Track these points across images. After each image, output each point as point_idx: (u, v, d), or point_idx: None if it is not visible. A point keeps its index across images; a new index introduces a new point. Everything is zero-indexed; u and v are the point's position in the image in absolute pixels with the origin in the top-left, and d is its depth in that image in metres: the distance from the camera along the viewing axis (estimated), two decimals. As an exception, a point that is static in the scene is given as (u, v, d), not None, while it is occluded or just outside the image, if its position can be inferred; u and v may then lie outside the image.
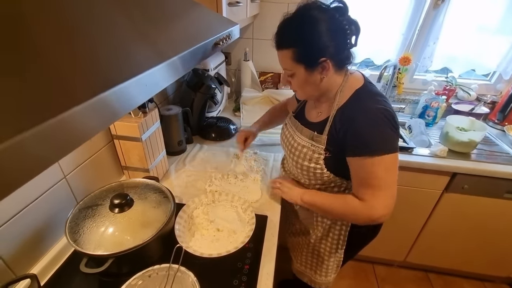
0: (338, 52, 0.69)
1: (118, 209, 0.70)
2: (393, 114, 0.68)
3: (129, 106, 0.30)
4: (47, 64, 0.25)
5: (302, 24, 0.67)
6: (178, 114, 1.11)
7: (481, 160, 1.26)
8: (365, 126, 0.67)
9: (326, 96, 0.78)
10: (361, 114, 0.68)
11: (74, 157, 0.79)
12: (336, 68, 0.72)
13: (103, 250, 0.63)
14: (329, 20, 0.66)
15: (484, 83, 1.66)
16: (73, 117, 0.23)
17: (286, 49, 0.70)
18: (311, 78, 0.72)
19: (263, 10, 1.55)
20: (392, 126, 0.67)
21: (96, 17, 0.35)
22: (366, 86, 0.74)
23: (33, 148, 0.20)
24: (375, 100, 0.70)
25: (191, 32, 0.49)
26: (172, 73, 0.39)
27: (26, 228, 0.67)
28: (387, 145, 0.66)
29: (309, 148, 0.79)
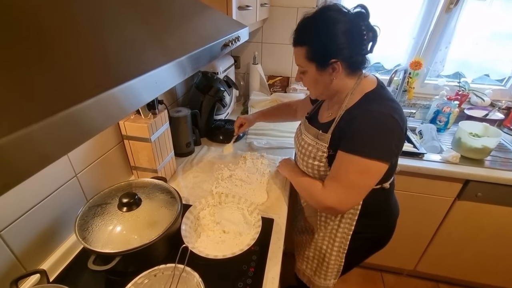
0: (351, 56, 0.70)
1: (126, 208, 0.71)
2: (398, 122, 0.66)
3: (137, 103, 0.31)
4: (58, 59, 0.26)
5: (318, 24, 0.70)
6: (187, 116, 1.13)
7: (496, 167, 1.22)
8: (361, 126, 0.68)
9: (338, 97, 0.78)
10: (362, 114, 0.69)
11: (85, 156, 0.81)
12: (348, 71, 0.73)
13: (110, 248, 0.64)
14: (346, 23, 0.67)
15: (498, 88, 1.62)
16: (83, 111, 0.23)
17: (300, 46, 0.73)
18: (322, 77, 0.74)
19: (272, 14, 1.56)
20: (390, 134, 0.66)
21: (109, 17, 0.36)
22: (378, 90, 0.74)
23: (42, 140, 0.20)
24: (383, 104, 0.70)
25: (200, 33, 0.49)
26: (181, 72, 0.39)
27: (38, 224, 0.69)
28: (374, 151, 0.66)
29: (314, 146, 0.80)
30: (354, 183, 0.69)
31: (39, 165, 0.21)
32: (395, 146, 0.67)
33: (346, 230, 0.85)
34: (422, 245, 1.49)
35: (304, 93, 1.63)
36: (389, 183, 0.83)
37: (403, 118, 0.69)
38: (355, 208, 0.81)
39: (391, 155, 0.68)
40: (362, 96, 0.73)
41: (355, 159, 0.67)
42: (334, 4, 0.70)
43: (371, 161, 0.66)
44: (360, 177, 0.69)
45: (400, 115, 0.68)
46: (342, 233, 0.86)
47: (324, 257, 0.93)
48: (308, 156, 0.82)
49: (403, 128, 0.68)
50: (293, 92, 1.66)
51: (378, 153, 0.66)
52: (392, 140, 0.67)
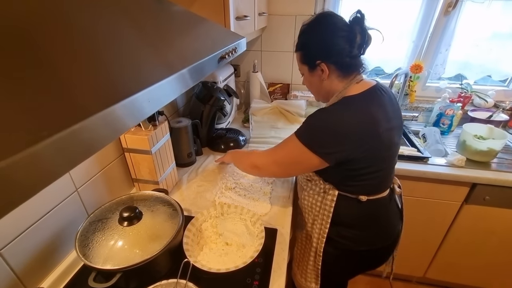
0: (337, 58, 0.73)
1: (127, 223, 0.70)
2: (341, 120, 0.70)
3: (139, 117, 0.31)
4: (58, 75, 0.26)
5: (310, 30, 0.77)
6: (187, 126, 1.13)
7: (503, 170, 1.19)
8: (311, 119, 0.74)
9: (331, 97, 0.81)
10: (318, 112, 0.74)
11: (86, 170, 0.81)
12: (338, 74, 0.76)
13: (111, 264, 0.63)
14: (335, 27, 0.72)
15: (501, 89, 1.60)
16: (85, 128, 0.23)
17: (297, 52, 0.81)
18: (313, 79, 0.81)
19: (270, 23, 1.57)
20: (323, 128, 0.71)
21: (107, 31, 0.36)
22: (361, 94, 0.74)
23: (46, 158, 0.20)
24: (343, 108, 0.73)
25: (197, 46, 0.49)
26: (180, 85, 0.39)
27: (38, 241, 0.68)
28: (304, 134, 0.73)
29: None
30: (278, 151, 0.80)
31: (44, 183, 0.21)
32: (325, 141, 0.70)
33: (321, 232, 0.85)
34: (431, 251, 1.46)
35: (304, 100, 1.63)
36: (371, 199, 0.80)
37: (357, 120, 0.70)
38: (328, 211, 0.82)
39: (318, 147, 0.71)
40: (340, 99, 0.75)
41: (291, 138, 0.76)
42: (327, 11, 0.77)
43: (297, 140, 0.73)
44: (286, 153, 0.78)
45: (352, 116, 0.70)
46: (318, 234, 0.86)
47: (307, 255, 0.93)
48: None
49: (348, 129, 0.69)
50: (294, 98, 1.66)
51: (305, 137, 0.72)
52: (323, 134, 0.71)
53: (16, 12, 0.29)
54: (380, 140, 0.72)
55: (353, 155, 0.71)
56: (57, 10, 0.34)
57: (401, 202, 0.92)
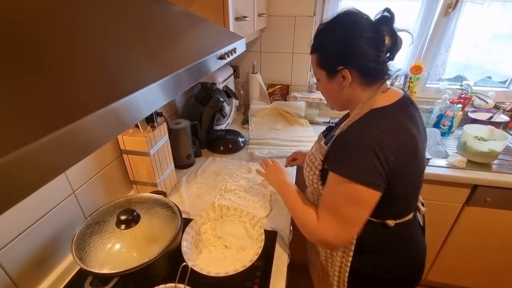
0: (362, 63, 0.63)
1: (124, 225, 0.69)
2: (378, 136, 0.58)
3: (136, 118, 0.30)
4: (54, 74, 0.26)
5: (329, 29, 0.67)
6: (186, 128, 1.12)
7: (504, 171, 1.19)
8: (346, 143, 0.63)
9: (352, 107, 0.72)
10: (350, 132, 0.63)
11: (83, 172, 0.79)
12: (361, 81, 0.66)
13: (109, 268, 0.62)
14: (360, 28, 0.62)
15: (502, 90, 1.59)
16: (82, 126, 0.23)
17: (313, 54, 0.71)
18: (331, 86, 0.70)
19: (270, 24, 1.57)
20: (376, 157, 0.58)
21: (105, 31, 0.36)
22: (390, 106, 0.64)
23: (41, 157, 0.20)
24: (379, 124, 0.61)
25: (196, 46, 0.49)
26: (176, 86, 0.38)
27: (34, 245, 0.67)
28: (357, 174, 0.59)
29: (314, 156, 0.75)
30: (346, 214, 0.62)
31: (39, 182, 0.20)
32: (373, 164, 0.58)
33: (343, 261, 0.74)
34: (432, 254, 1.44)
35: (304, 101, 1.62)
36: (399, 222, 0.71)
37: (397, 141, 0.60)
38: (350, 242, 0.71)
39: (371, 176, 0.59)
40: (367, 112, 0.65)
41: (343, 183, 0.61)
42: (352, 8, 0.65)
43: (358, 186, 0.59)
44: (351, 206, 0.62)
45: (389, 131, 0.60)
46: (339, 263, 0.75)
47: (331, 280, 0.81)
48: (307, 164, 0.77)
49: (388, 145, 0.58)
50: (293, 100, 1.65)
51: (363, 178, 0.59)
52: (376, 163, 0.58)
53: (14, 11, 0.28)
54: (418, 158, 0.64)
55: (394, 179, 0.61)
56: (55, 10, 0.33)
57: (424, 220, 0.86)
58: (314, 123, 1.61)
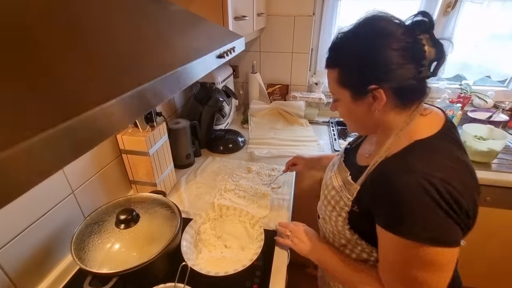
0: (400, 81, 0.51)
1: (124, 225, 0.69)
2: (452, 190, 0.46)
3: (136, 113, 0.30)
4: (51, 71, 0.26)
5: (354, 39, 0.54)
6: (186, 128, 1.11)
7: (503, 170, 1.19)
8: (400, 193, 0.48)
9: (380, 135, 0.60)
10: (398, 176, 0.49)
11: (82, 172, 0.79)
12: (395, 103, 0.54)
13: (108, 268, 0.62)
14: (395, 36, 0.50)
15: (501, 90, 1.60)
16: (78, 125, 0.23)
17: (332, 69, 0.58)
18: (357, 109, 0.57)
19: (269, 24, 1.57)
20: (448, 206, 0.45)
21: (104, 29, 0.36)
22: (435, 138, 0.53)
23: (38, 154, 0.20)
24: (434, 163, 0.49)
25: (195, 44, 0.48)
26: (174, 85, 0.38)
27: (33, 244, 0.66)
28: (433, 236, 0.46)
29: (337, 192, 0.64)
30: (425, 283, 0.49)
31: (36, 179, 0.20)
32: (449, 216, 0.46)
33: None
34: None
35: (303, 101, 1.62)
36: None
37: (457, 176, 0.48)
38: None
39: (449, 233, 0.47)
40: (410, 144, 0.52)
41: (414, 248, 0.47)
42: (380, 12, 0.53)
43: (432, 248, 0.46)
44: (429, 272, 0.48)
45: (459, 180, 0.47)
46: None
47: None
48: (328, 201, 0.66)
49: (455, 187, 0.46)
50: (293, 99, 1.65)
51: (435, 236, 0.46)
52: (446, 214, 0.46)
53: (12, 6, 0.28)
54: (478, 195, 0.52)
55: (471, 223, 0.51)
56: (54, 7, 0.33)
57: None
58: (313, 122, 1.61)
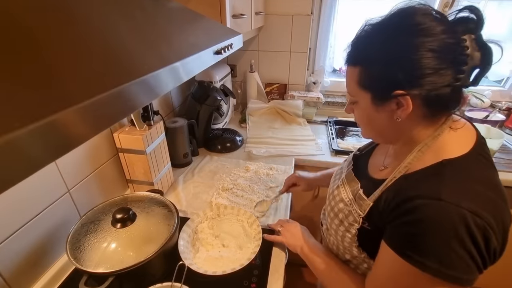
0: (432, 87, 0.43)
1: (120, 224, 0.68)
2: (484, 226, 0.39)
3: (134, 106, 0.30)
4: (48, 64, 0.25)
5: (381, 35, 0.46)
6: (183, 127, 1.11)
7: (500, 170, 1.18)
8: (420, 222, 0.42)
9: (401, 146, 0.54)
10: (422, 201, 0.42)
11: (78, 170, 0.78)
12: (423, 112, 0.47)
13: (104, 268, 0.61)
14: (435, 35, 0.42)
15: (498, 89, 1.61)
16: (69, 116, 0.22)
17: (352, 66, 0.50)
18: (377, 115, 0.50)
19: (267, 23, 1.56)
20: (464, 246, 0.39)
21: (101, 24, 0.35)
22: (467, 159, 0.45)
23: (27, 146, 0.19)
24: (466, 190, 0.42)
25: (192, 40, 0.48)
26: (173, 78, 0.38)
27: (27, 244, 0.66)
28: (445, 271, 0.40)
29: (346, 205, 0.58)
30: None
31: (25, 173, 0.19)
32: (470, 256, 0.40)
33: None
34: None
35: (301, 100, 1.62)
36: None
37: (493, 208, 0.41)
38: None
39: (464, 272, 0.40)
40: (436, 163, 0.46)
41: (410, 270, 0.42)
42: (418, 3, 0.45)
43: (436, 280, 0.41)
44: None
45: (485, 201, 0.41)
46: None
47: None
48: (335, 214, 0.61)
49: (489, 223, 0.39)
50: (291, 99, 1.65)
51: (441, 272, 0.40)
52: (470, 254, 0.40)
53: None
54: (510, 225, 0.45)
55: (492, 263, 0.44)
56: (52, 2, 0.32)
57: None
58: (311, 122, 1.61)
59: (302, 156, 1.26)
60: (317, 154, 1.28)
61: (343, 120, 1.60)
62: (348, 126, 1.59)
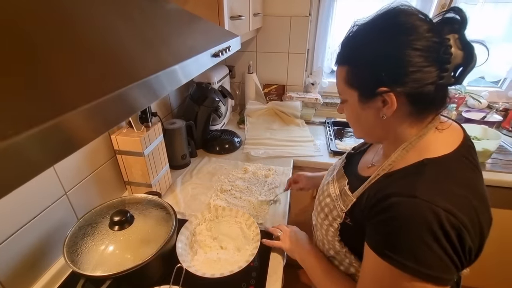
0: (417, 85, 0.44)
1: (118, 227, 0.68)
2: (458, 225, 0.40)
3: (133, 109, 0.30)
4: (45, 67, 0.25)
5: (369, 34, 0.48)
6: (181, 128, 1.11)
7: (497, 170, 1.20)
8: (395, 220, 0.42)
9: (388, 145, 0.55)
10: (398, 198, 0.43)
11: (75, 173, 0.78)
12: (409, 110, 0.48)
13: (101, 271, 0.61)
14: (420, 34, 0.43)
15: (495, 90, 1.62)
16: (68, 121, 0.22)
17: (340, 66, 0.52)
18: (364, 113, 0.51)
19: (266, 24, 1.56)
20: (438, 242, 0.40)
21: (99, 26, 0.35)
22: (449, 159, 0.46)
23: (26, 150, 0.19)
24: (442, 189, 0.43)
25: (190, 43, 0.48)
26: (171, 81, 0.38)
27: (24, 247, 0.65)
28: (423, 271, 0.40)
29: (332, 200, 0.60)
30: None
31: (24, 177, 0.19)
32: (447, 255, 0.40)
33: None
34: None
35: (300, 101, 1.62)
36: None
37: (469, 214, 0.42)
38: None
39: (442, 271, 0.41)
40: (418, 161, 0.47)
41: (388, 269, 0.43)
42: (403, 4, 0.46)
43: (415, 281, 0.41)
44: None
45: (463, 202, 0.42)
46: None
47: None
48: (322, 208, 0.63)
49: (465, 224, 0.40)
50: (289, 100, 1.65)
51: (419, 271, 0.41)
52: (435, 245, 0.40)
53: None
54: (489, 228, 0.48)
55: (469, 263, 0.45)
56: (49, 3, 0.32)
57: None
58: (310, 123, 1.61)
59: (301, 157, 1.27)
60: (316, 155, 1.29)
61: (341, 121, 1.60)
62: (346, 127, 1.59)
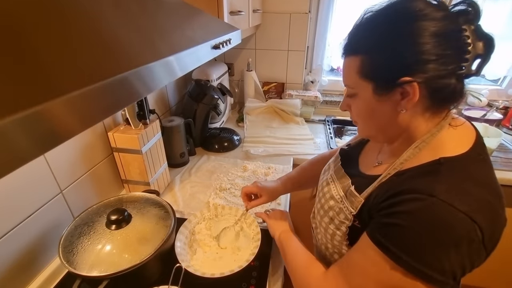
0: (437, 75, 0.42)
1: (115, 226, 0.67)
2: (475, 231, 0.38)
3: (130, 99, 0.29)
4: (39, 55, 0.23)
5: (385, 20, 0.44)
6: (180, 126, 1.09)
7: (498, 168, 1.19)
8: (409, 220, 0.40)
9: (399, 142, 0.51)
10: (416, 198, 0.40)
11: (71, 170, 0.76)
12: (427, 104, 0.45)
13: (98, 271, 0.59)
14: (436, 19, 0.41)
15: (495, 88, 1.61)
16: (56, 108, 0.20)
17: (351, 56, 0.48)
18: (379, 108, 0.47)
19: (265, 21, 1.55)
20: (458, 249, 0.38)
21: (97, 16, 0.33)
22: (466, 159, 0.44)
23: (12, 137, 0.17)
24: (462, 190, 0.40)
25: (190, 34, 0.46)
26: (170, 71, 0.36)
27: (19, 247, 0.63)
28: (423, 270, 0.38)
29: (337, 203, 0.56)
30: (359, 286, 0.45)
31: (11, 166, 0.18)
32: (457, 261, 0.39)
33: None
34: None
35: (299, 99, 1.60)
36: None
37: (489, 217, 0.40)
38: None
39: (442, 274, 0.39)
40: (433, 160, 0.44)
41: (383, 260, 0.41)
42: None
43: (408, 278, 0.40)
44: (367, 283, 0.44)
45: (481, 206, 0.40)
46: None
47: None
48: (325, 212, 0.58)
49: (481, 233, 0.38)
50: (289, 98, 1.63)
51: (418, 270, 0.39)
52: (458, 257, 0.38)
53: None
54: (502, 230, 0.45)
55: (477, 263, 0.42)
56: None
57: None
58: (309, 121, 1.60)
59: (300, 155, 1.25)
60: (315, 153, 1.27)
61: (341, 119, 1.59)
62: (346, 125, 1.58)
